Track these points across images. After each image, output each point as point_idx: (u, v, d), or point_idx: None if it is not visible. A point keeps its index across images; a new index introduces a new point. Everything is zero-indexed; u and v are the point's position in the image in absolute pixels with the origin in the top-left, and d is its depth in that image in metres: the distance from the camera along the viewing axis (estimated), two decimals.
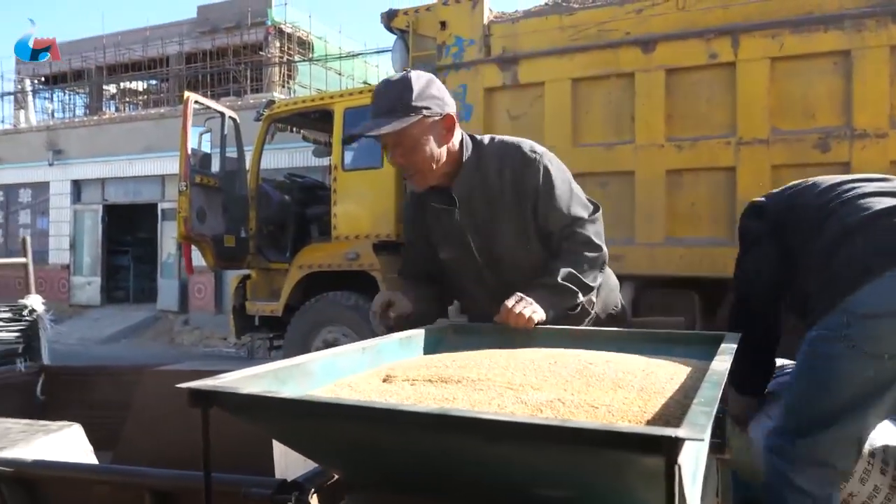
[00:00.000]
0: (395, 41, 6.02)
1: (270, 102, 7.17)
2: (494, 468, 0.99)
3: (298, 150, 10.59)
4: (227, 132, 6.92)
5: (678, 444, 0.75)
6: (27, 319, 3.58)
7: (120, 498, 1.66)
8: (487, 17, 5.45)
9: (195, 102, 6.50)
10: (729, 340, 1.51)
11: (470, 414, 0.89)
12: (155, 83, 21.52)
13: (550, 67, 5.11)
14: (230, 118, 6.95)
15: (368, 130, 1.87)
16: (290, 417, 1.03)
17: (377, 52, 17.07)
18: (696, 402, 0.93)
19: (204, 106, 6.88)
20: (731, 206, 4.50)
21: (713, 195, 4.62)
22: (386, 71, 16.45)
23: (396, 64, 6.02)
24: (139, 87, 22.07)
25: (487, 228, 2.04)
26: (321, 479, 1.42)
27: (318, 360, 1.38)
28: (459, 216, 2.03)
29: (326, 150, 7.46)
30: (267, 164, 7.49)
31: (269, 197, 7.10)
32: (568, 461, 0.91)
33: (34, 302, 3.63)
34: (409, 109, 1.83)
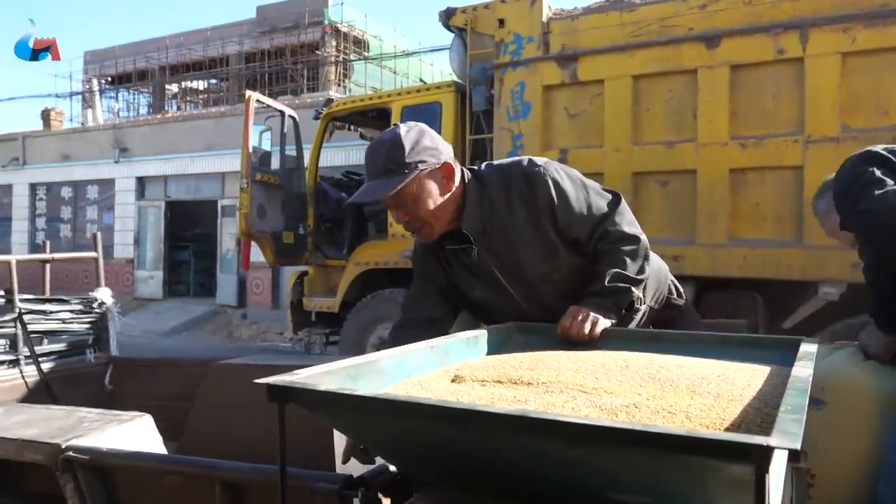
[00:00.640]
0: (452, 39, 6.04)
1: (329, 101, 7.27)
2: (570, 473, 0.98)
3: (356, 147, 10.68)
4: (286, 130, 7.04)
5: (770, 452, 0.73)
6: (97, 312, 3.70)
7: (191, 488, 1.70)
8: (546, 14, 5.42)
9: (256, 101, 6.62)
10: (807, 345, 1.46)
11: (551, 416, 0.88)
12: (215, 82, 22.05)
13: (610, 64, 5.07)
14: (290, 117, 7.06)
15: (366, 196, 1.81)
16: (366, 414, 1.04)
17: (432, 50, 17.19)
18: (783, 409, 0.90)
19: (264, 105, 7.00)
20: (797, 206, 4.39)
21: (779, 195, 4.52)
22: (441, 70, 16.52)
23: (454, 62, 6.04)
24: (200, 86, 22.66)
25: (513, 262, 1.94)
26: (386, 476, 1.43)
27: (389, 357, 1.39)
28: (478, 253, 1.94)
29: None
30: (325, 161, 7.58)
31: (326, 194, 7.20)
32: (647, 467, 0.89)
33: (104, 295, 3.74)
34: (403, 167, 1.76)
